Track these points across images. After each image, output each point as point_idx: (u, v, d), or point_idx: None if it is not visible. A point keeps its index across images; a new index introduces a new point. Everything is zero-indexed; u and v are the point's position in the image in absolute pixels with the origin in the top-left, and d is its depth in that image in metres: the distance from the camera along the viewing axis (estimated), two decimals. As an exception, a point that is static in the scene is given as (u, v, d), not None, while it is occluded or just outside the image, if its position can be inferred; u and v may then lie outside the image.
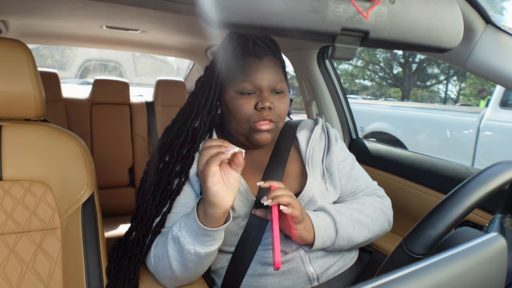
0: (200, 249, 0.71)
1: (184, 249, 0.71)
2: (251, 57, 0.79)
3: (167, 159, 0.82)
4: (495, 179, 0.54)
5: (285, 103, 0.82)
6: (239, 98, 0.79)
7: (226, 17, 0.31)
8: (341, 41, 0.36)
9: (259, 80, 0.78)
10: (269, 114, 0.79)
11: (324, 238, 0.79)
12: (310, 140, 0.90)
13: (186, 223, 0.72)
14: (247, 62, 0.79)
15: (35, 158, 0.84)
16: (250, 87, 0.78)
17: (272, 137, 0.82)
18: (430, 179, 1.19)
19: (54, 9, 1.30)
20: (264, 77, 0.79)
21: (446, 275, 0.34)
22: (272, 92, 0.80)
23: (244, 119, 0.79)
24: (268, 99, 0.78)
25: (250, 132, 0.80)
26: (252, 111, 0.79)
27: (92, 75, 5.70)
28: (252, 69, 0.79)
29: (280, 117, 0.81)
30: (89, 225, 0.84)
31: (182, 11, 1.25)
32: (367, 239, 0.86)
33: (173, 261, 0.73)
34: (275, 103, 0.80)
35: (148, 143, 2.16)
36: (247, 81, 0.78)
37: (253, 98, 0.79)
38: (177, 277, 0.76)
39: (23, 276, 0.80)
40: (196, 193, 0.83)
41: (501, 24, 0.79)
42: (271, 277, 0.81)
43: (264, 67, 0.79)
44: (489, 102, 3.56)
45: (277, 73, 0.81)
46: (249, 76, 0.78)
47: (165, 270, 0.75)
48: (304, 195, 0.83)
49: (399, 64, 13.57)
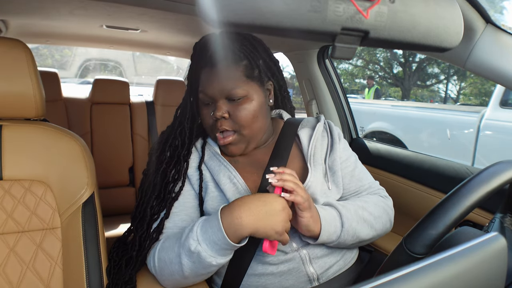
0: (221, 260, 0.70)
1: (205, 262, 0.70)
2: (206, 67, 0.80)
3: (162, 162, 0.84)
4: (495, 178, 0.54)
5: (246, 109, 0.80)
6: (202, 108, 0.82)
7: (226, 17, 0.31)
8: (341, 41, 0.36)
9: (210, 89, 0.79)
10: (224, 124, 0.79)
11: (330, 230, 0.78)
12: (312, 137, 0.89)
13: (207, 237, 0.69)
14: (203, 72, 0.80)
15: (35, 157, 0.84)
16: (206, 98, 0.80)
17: (242, 148, 0.84)
18: (430, 178, 1.19)
19: (54, 9, 1.29)
20: (215, 86, 0.78)
21: (446, 275, 0.34)
22: (229, 100, 0.80)
23: (208, 129, 0.83)
24: (220, 108, 0.78)
25: (217, 141, 0.83)
26: (212, 121, 0.80)
27: (92, 74, 5.70)
28: (205, 79, 0.80)
29: (240, 125, 0.80)
30: (89, 224, 0.84)
31: (182, 11, 1.25)
32: (370, 237, 0.85)
33: (187, 269, 0.72)
34: (232, 111, 0.79)
35: (148, 143, 2.16)
36: (202, 92, 0.80)
37: (211, 107, 0.80)
38: (185, 282, 0.76)
39: (23, 276, 0.80)
40: (195, 191, 0.83)
41: (501, 24, 0.78)
42: (271, 277, 0.80)
43: (215, 76, 0.78)
44: (377, 92, 3.57)
45: (231, 79, 0.78)
46: (203, 86, 0.80)
47: (173, 275, 0.74)
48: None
49: (399, 63, 13.57)
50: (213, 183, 0.83)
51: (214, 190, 0.83)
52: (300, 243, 0.81)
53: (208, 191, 0.83)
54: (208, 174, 0.84)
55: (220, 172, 0.83)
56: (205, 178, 0.84)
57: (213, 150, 0.87)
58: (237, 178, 0.82)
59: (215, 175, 0.83)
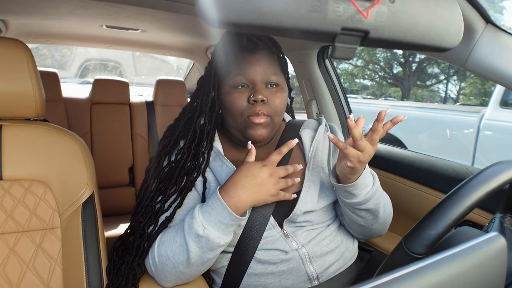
0: (227, 238, 0.74)
1: (214, 244, 0.72)
2: (245, 52, 0.81)
3: (179, 156, 0.83)
4: (495, 178, 0.54)
5: (281, 98, 0.82)
6: (232, 92, 0.80)
7: (226, 17, 0.31)
8: (341, 41, 0.36)
9: (251, 73, 0.79)
10: (262, 108, 0.79)
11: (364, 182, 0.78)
12: (314, 140, 0.91)
13: (212, 220, 0.72)
14: (241, 57, 0.80)
15: (35, 157, 0.84)
16: (243, 81, 0.80)
17: (268, 133, 0.82)
18: (430, 178, 1.19)
19: (54, 9, 1.29)
20: (257, 70, 0.80)
21: (446, 275, 0.34)
22: (266, 86, 0.81)
23: (238, 113, 0.80)
24: (261, 92, 0.78)
25: (244, 127, 0.81)
26: (246, 105, 0.79)
27: (92, 74, 5.70)
28: (245, 63, 0.80)
29: (275, 111, 0.81)
30: (89, 224, 0.84)
31: (182, 11, 1.25)
32: (378, 224, 0.86)
33: (194, 256, 0.73)
34: (269, 97, 0.80)
35: (148, 143, 2.16)
36: (240, 74, 0.80)
37: (246, 91, 0.80)
38: (188, 273, 0.76)
39: (23, 276, 0.80)
40: (199, 194, 0.83)
41: (501, 24, 0.79)
42: (271, 277, 0.81)
43: (257, 60, 0.80)
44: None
45: (271, 66, 0.81)
46: (242, 70, 0.80)
47: (176, 267, 0.74)
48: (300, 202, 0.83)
49: (399, 63, 13.57)
50: (215, 184, 0.83)
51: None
52: (301, 241, 0.82)
53: (210, 191, 0.83)
54: (211, 175, 0.85)
55: (222, 172, 0.83)
56: (208, 179, 0.84)
57: (216, 150, 0.86)
58: None
59: (218, 176, 0.84)
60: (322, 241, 0.85)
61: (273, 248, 0.81)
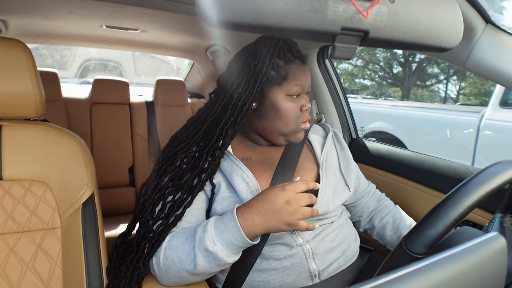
0: (235, 257, 0.74)
1: (222, 261, 0.72)
2: (297, 61, 0.84)
3: (197, 155, 0.82)
4: (495, 178, 0.54)
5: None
6: (289, 100, 0.83)
7: (226, 17, 0.31)
8: (341, 41, 0.36)
9: (306, 84, 0.85)
10: (307, 114, 0.87)
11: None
12: (325, 147, 0.95)
13: (223, 238, 0.71)
14: (296, 66, 0.84)
15: (35, 157, 0.84)
16: (300, 90, 0.84)
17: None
18: (430, 178, 1.19)
19: (54, 9, 1.29)
20: (307, 79, 0.86)
21: (446, 275, 0.34)
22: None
23: (292, 120, 0.84)
24: (308, 101, 0.86)
25: (293, 132, 0.86)
26: (299, 113, 0.85)
27: (92, 74, 5.69)
28: (299, 72, 0.84)
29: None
30: (89, 224, 0.84)
31: (182, 11, 1.25)
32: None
33: (200, 268, 0.73)
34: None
35: (148, 143, 2.16)
36: (298, 84, 0.83)
37: (298, 99, 0.85)
38: (192, 279, 0.76)
39: (23, 276, 0.80)
40: (207, 195, 0.83)
41: (501, 24, 0.79)
42: (274, 273, 0.81)
43: (307, 71, 0.86)
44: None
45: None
46: (300, 80, 0.83)
47: (181, 273, 0.75)
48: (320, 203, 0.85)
49: (399, 63, 13.57)
50: (225, 184, 0.83)
51: (226, 190, 0.83)
52: (307, 237, 0.83)
53: (220, 191, 0.83)
54: (221, 174, 0.84)
55: (232, 172, 0.83)
56: (218, 178, 0.84)
57: (226, 150, 0.86)
58: (250, 177, 0.82)
59: (228, 176, 0.83)
60: (325, 237, 0.86)
61: (278, 243, 0.82)
